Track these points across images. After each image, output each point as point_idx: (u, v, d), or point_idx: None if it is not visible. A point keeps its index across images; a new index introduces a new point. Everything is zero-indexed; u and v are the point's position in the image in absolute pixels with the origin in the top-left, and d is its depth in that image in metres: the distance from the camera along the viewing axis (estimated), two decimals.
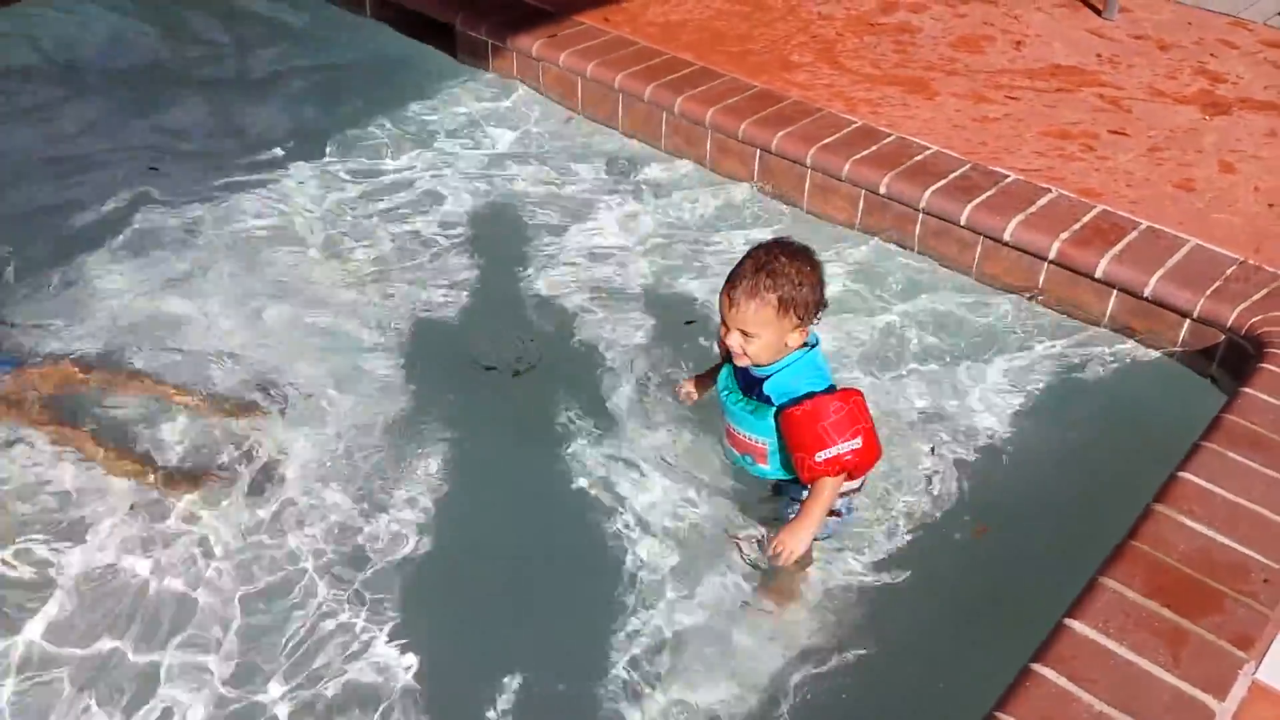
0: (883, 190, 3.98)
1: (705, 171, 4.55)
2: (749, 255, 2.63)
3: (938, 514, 3.01)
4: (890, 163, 4.05)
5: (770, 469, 2.75)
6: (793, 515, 2.68)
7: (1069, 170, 4.08)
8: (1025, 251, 3.71)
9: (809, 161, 4.16)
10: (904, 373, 3.50)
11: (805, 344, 2.66)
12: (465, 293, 3.91)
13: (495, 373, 3.55)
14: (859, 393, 2.65)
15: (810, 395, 2.59)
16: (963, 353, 3.57)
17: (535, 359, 3.60)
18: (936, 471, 3.13)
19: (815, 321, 2.67)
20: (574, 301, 3.84)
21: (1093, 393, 3.42)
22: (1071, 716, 2.15)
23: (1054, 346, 3.58)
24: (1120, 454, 3.16)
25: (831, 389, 2.63)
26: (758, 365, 2.66)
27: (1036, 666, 2.25)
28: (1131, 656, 2.27)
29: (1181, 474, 2.74)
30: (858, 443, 2.56)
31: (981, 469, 3.15)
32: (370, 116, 4.94)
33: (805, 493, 2.67)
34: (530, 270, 4.00)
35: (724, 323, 2.65)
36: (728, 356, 2.75)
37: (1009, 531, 2.96)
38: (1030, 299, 3.74)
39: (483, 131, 4.90)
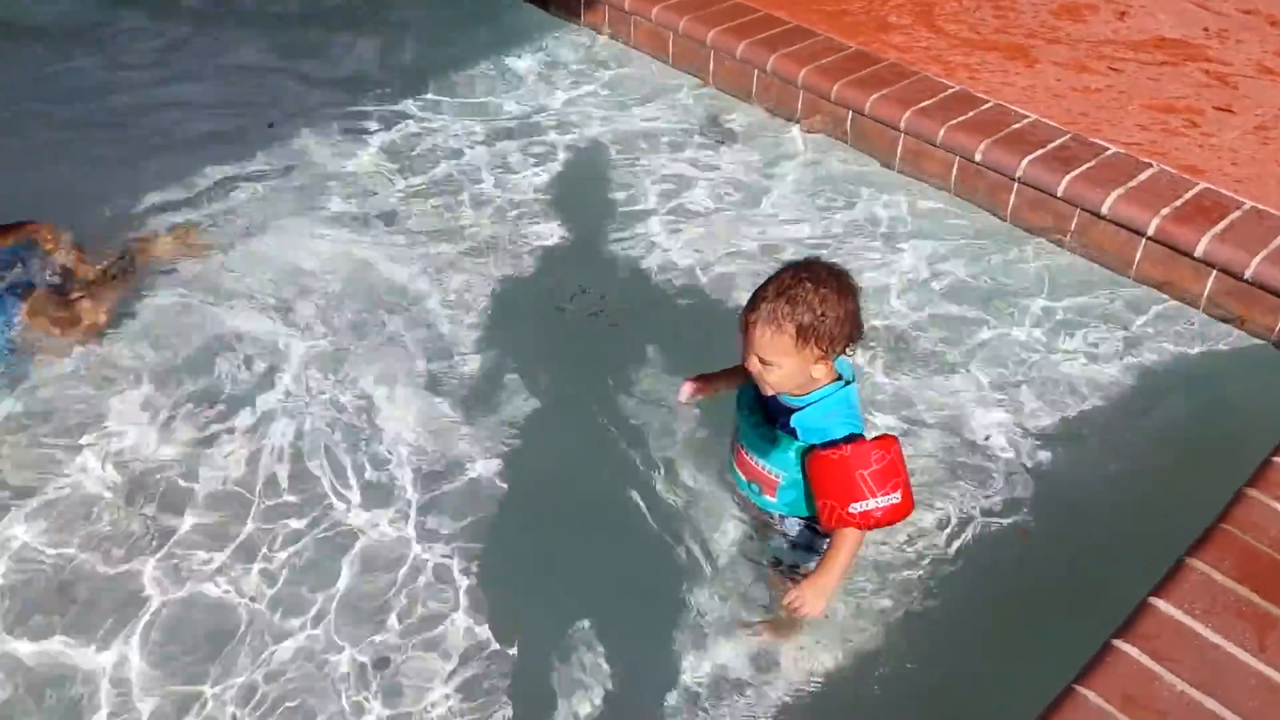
0: (978, 157, 3.92)
1: (795, 130, 4.50)
2: (774, 276, 2.40)
3: (1020, 490, 2.99)
4: (987, 130, 3.98)
5: (776, 503, 2.54)
6: (803, 563, 2.56)
7: (1172, 145, 3.98)
8: (1123, 226, 3.63)
9: (903, 125, 4.11)
10: (981, 341, 3.47)
11: (839, 378, 2.45)
12: (549, 235, 3.95)
13: (571, 313, 3.60)
14: (895, 440, 2.42)
15: (850, 439, 2.38)
16: (1050, 326, 3.52)
17: (612, 303, 3.62)
18: (1016, 449, 3.10)
19: (844, 354, 2.43)
20: (655, 252, 3.85)
21: (1186, 374, 3.35)
22: (1153, 694, 2.14)
23: (1148, 325, 3.51)
24: (1213, 437, 3.11)
25: (862, 435, 2.42)
26: (782, 394, 2.44)
27: (1119, 642, 2.23)
28: (1217, 639, 2.25)
29: (1276, 459, 2.68)
30: (896, 497, 2.35)
31: (1066, 448, 3.11)
32: (465, 67, 5.00)
33: (800, 532, 2.56)
34: (614, 219, 4.03)
35: (745, 347, 2.42)
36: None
37: (1094, 513, 2.92)
38: (1126, 275, 3.67)
39: (572, 83, 4.91)
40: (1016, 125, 4.03)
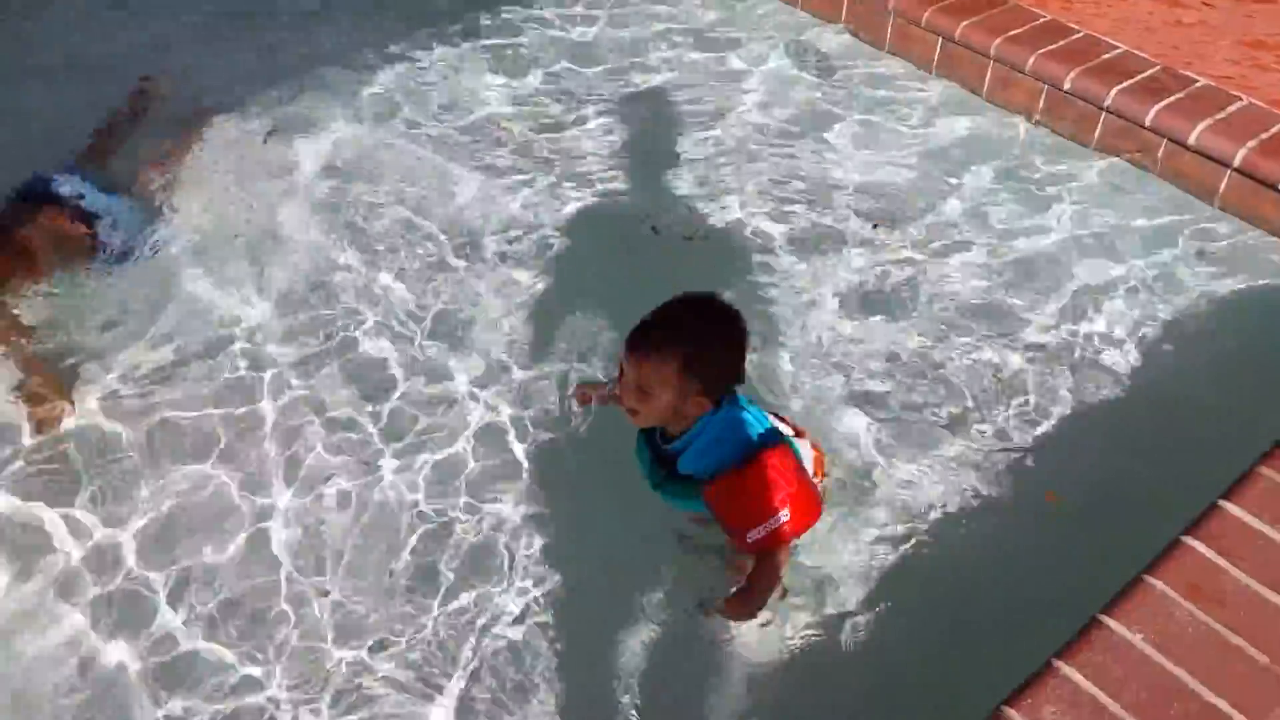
0: (1067, 86, 3.96)
1: (884, 56, 4.56)
2: (664, 305, 2.35)
3: (1090, 414, 3.09)
4: (1077, 59, 4.02)
5: None
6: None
7: (1262, 81, 3.99)
8: (1209, 157, 3.67)
9: (992, 53, 4.15)
10: (1061, 272, 3.55)
11: (712, 408, 2.35)
12: (643, 159, 4.05)
13: (664, 236, 3.70)
14: (782, 448, 2.34)
15: (727, 469, 2.32)
16: (1131, 254, 3.59)
17: (704, 228, 3.73)
18: (1083, 377, 3.19)
19: (722, 396, 2.36)
20: (751, 178, 3.93)
21: (1264, 301, 3.42)
22: (1218, 586, 2.26)
23: (1229, 257, 3.57)
24: None
25: (756, 444, 2.33)
26: (651, 428, 2.44)
27: (1187, 539, 2.35)
28: None
29: None
30: (785, 514, 2.29)
31: (1135, 377, 3.19)
32: None
33: None
34: (707, 145, 4.11)
35: (621, 372, 2.37)
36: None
37: (1171, 428, 3.02)
38: (1210, 205, 3.72)
39: (679, 9, 4.97)
40: (1107, 55, 4.06)
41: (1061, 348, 3.25)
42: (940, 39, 4.33)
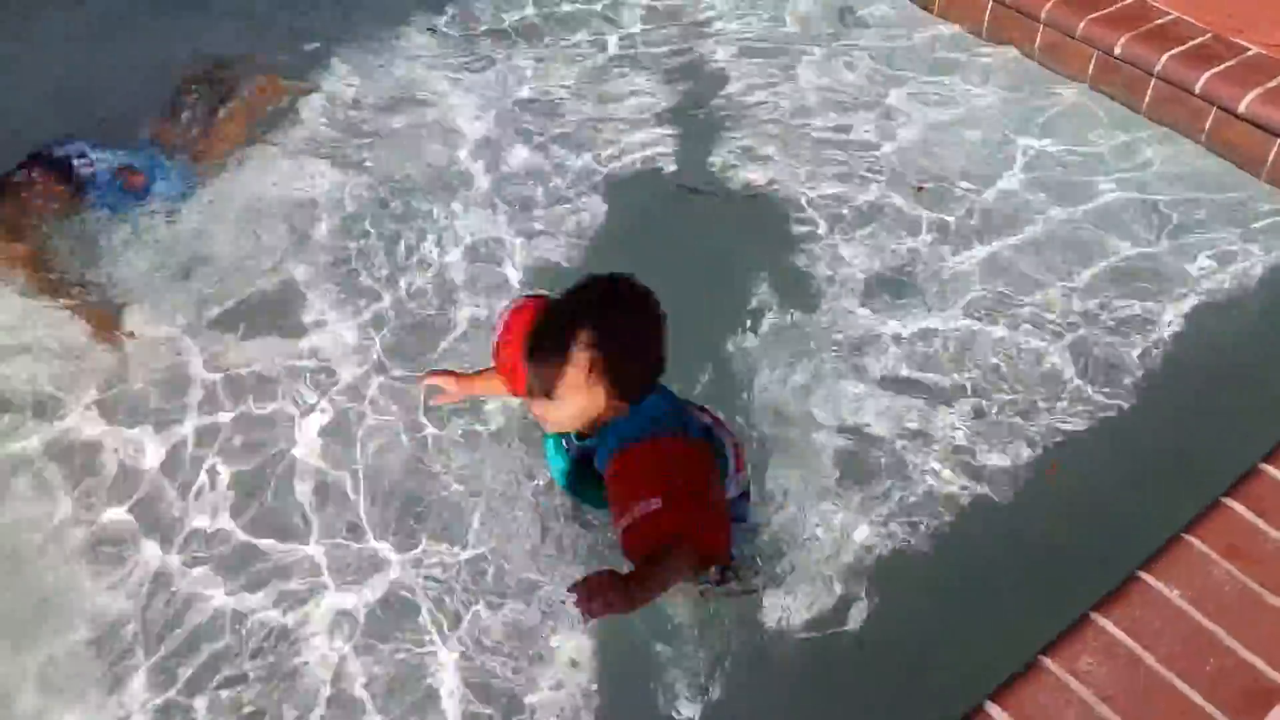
0: (1117, 51, 3.95)
1: (934, 20, 4.55)
2: (565, 295, 2.07)
3: (1138, 380, 3.11)
4: (1128, 25, 4.00)
5: None
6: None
7: None
8: (1259, 126, 3.66)
9: (1043, 17, 4.14)
10: (1103, 238, 3.55)
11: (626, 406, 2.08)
12: (679, 121, 4.07)
13: (702, 196, 3.74)
14: (678, 438, 2.04)
15: (628, 442, 2.02)
16: (1175, 222, 3.59)
17: (747, 190, 3.75)
18: (1126, 344, 3.20)
19: (639, 396, 2.09)
20: (782, 136, 3.96)
21: None
22: (1257, 547, 2.30)
23: (1275, 227, 3.57)
24: None
25: (649, 430, 2.03)
26: (563, 432, 2.17)
27: (1226, 500, 2.39)
28: None
29: None
30: (656, 503, 1.91)
31: (1178, 344, 3.20)
32: None
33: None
34: (744, 106, 4.13)
35: (524, 375, 2.08)
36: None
37: (1207, 396, 3.06)
38: (1258, 176, 3.71)
39: None
40: (1158, 21, 4.04)
41: (1104, 315, 3.28)
42: (991, 3, 4.32)
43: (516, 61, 4.36)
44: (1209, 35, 3.98)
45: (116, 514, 2.75)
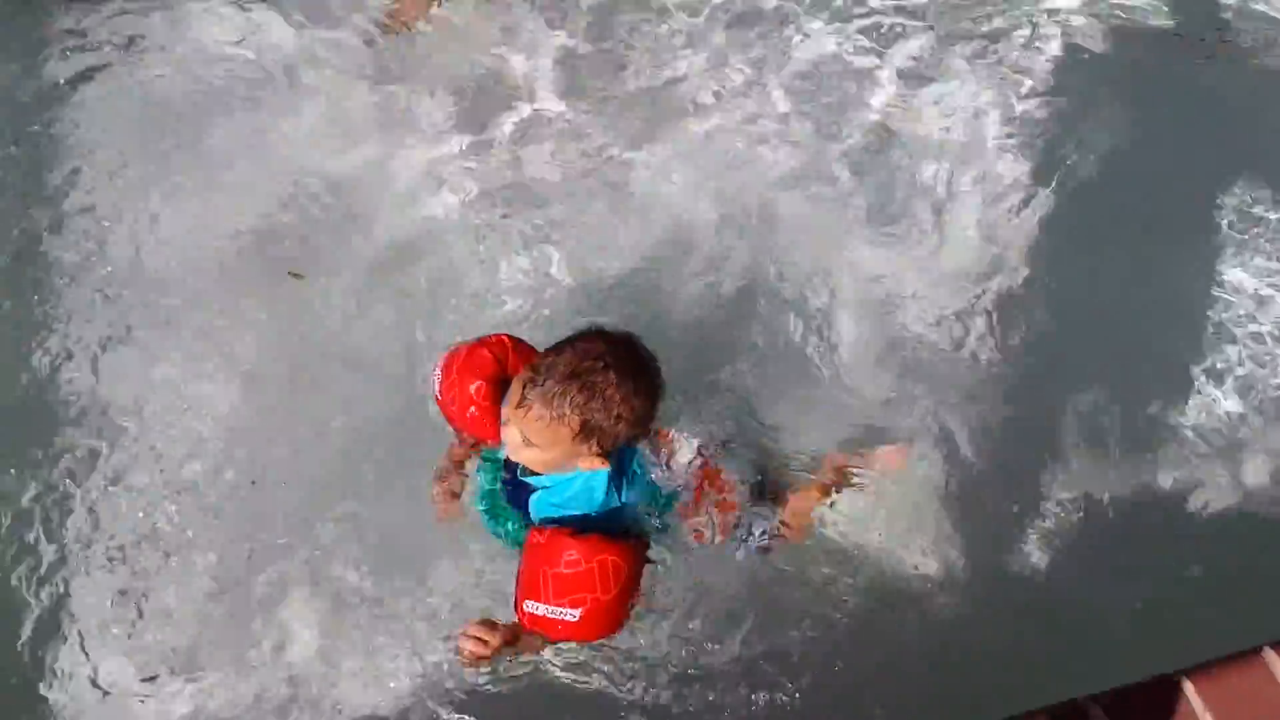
0: None
1: None
2: (571, 347, 2.00)
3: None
4: None
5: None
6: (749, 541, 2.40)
7: None
8: None
9: None
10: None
11: (605, 463, 2.07)
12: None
13: None
14: (626, 549, 2.04)
15: (563, 523, 2.06)
16: None
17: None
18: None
19: (618, 453, 2.09)
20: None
21: None
22: None
23: None
24: None
25: (602, 524, 2.08)
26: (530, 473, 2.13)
27: None
28: None
29: None
30: (573, 615, 1.97)
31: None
32: None
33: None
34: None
35: (507, 411, 2.04)
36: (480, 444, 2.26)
37: None
38: None
39: None
40: None
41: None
42: None
43: None
44: None
45: None
